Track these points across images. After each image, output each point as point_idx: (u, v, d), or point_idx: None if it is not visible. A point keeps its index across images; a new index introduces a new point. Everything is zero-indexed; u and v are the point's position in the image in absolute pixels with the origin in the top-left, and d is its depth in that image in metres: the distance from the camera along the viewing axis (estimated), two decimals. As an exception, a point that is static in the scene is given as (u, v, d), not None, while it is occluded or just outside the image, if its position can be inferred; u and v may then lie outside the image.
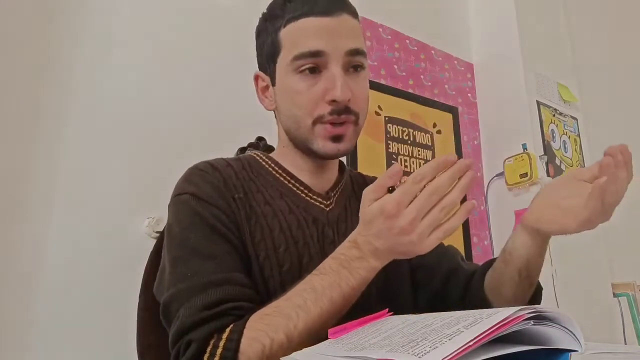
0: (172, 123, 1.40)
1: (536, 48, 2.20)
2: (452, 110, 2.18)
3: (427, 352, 0.32)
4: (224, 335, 0.55)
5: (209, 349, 0.55)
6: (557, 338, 0.37)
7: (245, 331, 0.55)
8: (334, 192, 0.78)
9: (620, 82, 2.63)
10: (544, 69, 2.19)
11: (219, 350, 0.54)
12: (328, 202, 0.76)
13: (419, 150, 1.99)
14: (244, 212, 0.68)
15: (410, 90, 2.04)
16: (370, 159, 1.82)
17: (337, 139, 0.70)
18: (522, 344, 0.36)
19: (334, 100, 0.68)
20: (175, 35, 1.47)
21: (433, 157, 2.03)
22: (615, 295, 2.05)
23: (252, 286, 0.64)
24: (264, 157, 0.78)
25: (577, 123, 2.28)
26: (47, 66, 1.25)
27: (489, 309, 0.38)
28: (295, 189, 0.75)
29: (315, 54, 0.68)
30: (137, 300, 0.79)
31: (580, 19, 2.54)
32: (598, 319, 1.95)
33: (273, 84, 0.74)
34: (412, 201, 0.52)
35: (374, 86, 1.89)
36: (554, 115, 2.16)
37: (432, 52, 2.16)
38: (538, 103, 2.11)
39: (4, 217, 1.12)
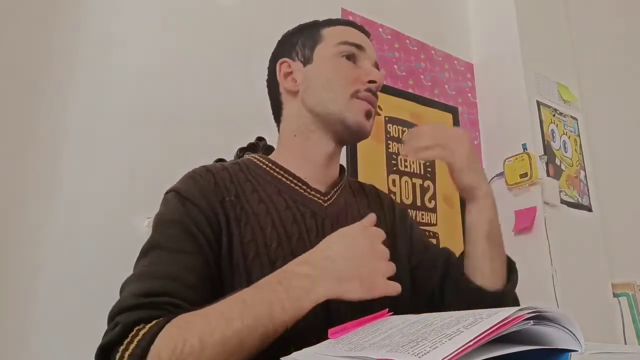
0: (172, 123, 1.40)
1: (536, 48, 2.20)
2: (452, 110, 2.18)
3: (427, 352, 0.32)
4: (148, 325, 0.54)
5: (130, 334, 0.54)
6: (557, 338, 0.37)
7: (167, 326, 0.54)
8: (334, 190, 0.80)
9: (620, 82, 2.63)
10: (544, 69, 2.19)
11: (136, 339, 0.53)
12: (326, 198, 0.77)
13: (419, 150, 1.99)
14: (233, 214, 0.69)
15: (410, 90, 2.04)
16: (370, 159, 1.82)
17: (368, 115, 0.78)
18: (522, 344, 0.36)
19: (373, 81, 0.78)
20: (175, 35, 1.47)
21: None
22: (615, 295, 2.04)
23: (200, 290, 0.62)
24: (261, 159, 0.80)
25: (577, 123, 2.27)
26: (47, 66, 1.25)
27: (489, 309, 0.38)
28: (293, 185, 0.76)
29: (359, 46, 0.80)
30: (137, 300, 0.79)
31: (580, 19, 2.54)
32: (598, 319, 1.95)
33: (308, 63, 0.81)
34: None
35: (374, 86, 1.89)
36: (554, 115, 2.16)
37: (432, 52, 2.16)
38: (538, 103, 2.11)
39: (4, 217, 1.12)
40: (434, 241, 1.90)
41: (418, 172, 1.96)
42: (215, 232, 0.67)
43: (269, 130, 0.89)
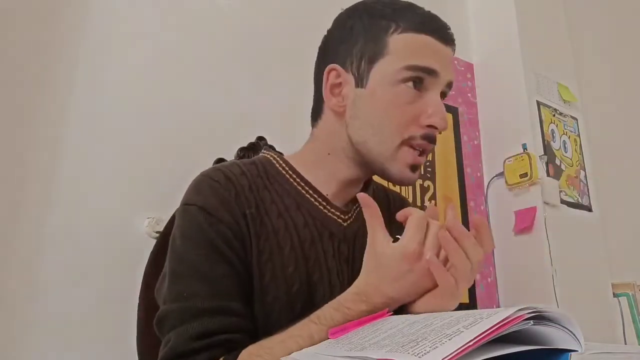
0: (173, 123, 1.40)
1: (536, 48, 2.20)
2: (452, 110, 2.18)
3: (427, 352, 0.32)
4: None
5: None
6: (557, 338, 0.37)
7: None
8: (355, 206, 0.74)
9: (620, 83, 2.63)
10: (544, 69, 2.19)
11: None
12: (346, 217, 0.72)
13: (419, 150, 1.99)
14: (253, 230, 0.65)
15: (410, 90, 2.04)
16: (370, 159, 1.82)
17: (414, 168, 0.68)
18: (522, 344, 0.36)
19: (432, 126, 0.66)
20: (175, 35, 1.47)
21: (433, 157, 2.03)
22: (615, 295, 2.04)
23: (248, 315, 0.62)
24: (280, 162, 0.73)
25: (577, 123, 2.27)
26: (47, 66, 1.25)
27: (489, 309, 0.38)
28: (313, 200, 0.70)
29: (431, 72, 0.66)
30: (137, 301, 0.79)
31: (580, 19, 2.53)
32: (598, 319, 1.94)
33: (361, 85, 0.68)
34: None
35: (374, 86, 1.89)
36: (554, 115, 2.16)
37: (432, 52, 2.16)
38: (538, 103, 2.11)
39: (4, 217, 1.12)
40: (434, 241, 1.90)
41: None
42: (244, 246, 0.64)
43: (269, 130, 0.90)
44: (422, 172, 1.97)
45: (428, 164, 2.00)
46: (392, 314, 0.52)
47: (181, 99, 1.43)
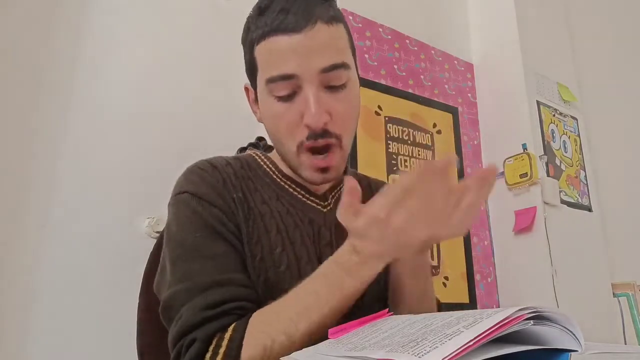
0: (172, 123, 1.40)
1: (536, 48, 2.20)
2: (452, 110, 2.18)
3: (427, 352, 0.32)
4: (227, 335, 0.56)
5: (211, 348, 0.55)
6: (557, 338, 0.37)
7: (247, 329, 0.56)
8: (333, 193, 0.77)
9: (620, 83, 2.63)
10: (544, 69, 2.19)
11: (222, 349, 0.55)
12: (325, 203, 0.75)
13: (419, 151, 1.99)
14: (242, 213, 0.68)
15: (410, 90, 2.04)
16: (370, 159, 1.82)
17: (324, 170, 0.68)
18: (522, 344, 0.36)
19: (307, 126, 0.65)
20: (175, 35, 1.47)
21: (433, 157, 2.03)
22: (615, 295, 2.04)
23: (253, 286, 0.64)
24: (262, 157, 0.77)
25: (577, 123, 2.28)
26: (48, 66, 1.25)
27: (489, 309, 0.38)
28: (292, 190, 0.74)
29: (286, 77, 0.64)
30: (137, 301, 0.79)
31: (580, 19, 2.54)
32: (598, 319, 1.95)
33: (257, 102, 0.72)
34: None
35: (374, 86, 1.89)
36: (554, 115, 2.16)
37: (432, 52, 2.16)
38: (538, 103, 2.11)
39: (4, 217, 1.12)
40: (434, 241, 1.90)
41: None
42: (238, 228, 0.67)
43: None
44: (422, 172, 1.97)
45: (428, 164, 2.00)
46: (392, 314, 0.52)
47: (181, 99, 1.43)
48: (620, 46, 2.71)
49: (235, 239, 0.66)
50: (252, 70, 0.70)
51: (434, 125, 2.08)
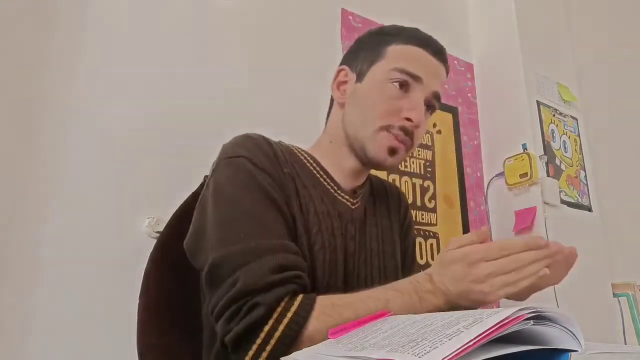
0: (172, 123, 1.40)
1: (536, 48, 2.20)
2: (452, 110, 2.18)
3: (427, 352, 0.32)
4: (296, 302, 0.57)
5: (275, 315, 0.55)
6: (557, 338, 0.37)
7: (316, 309, 0.57)
8: (360, 192, 0.82)
9: (620, 83, 2.63)
10: (544, 69, 2.19)
11: (290, 314, 0.55)
12: (355, 201, 0.79)
13: (419, 151, 1.99)
14: (291, 187, 0.70)
15: (410, 90, 2.04)
16: (370, 159, 1.82)
17: (393, 152, 0.75)
18: (522, 344, 0.36)
19: (409, 119, 0.74)
20: (175, 35, 1.47)
21: (433, 157, 2.03)
22: (615, 295, 2.04)
23: (302, 254, 0.65)
24: (300, 150, 0.81)
25: (577, 123, 2.28)
26: (48, 66, 1.25)
27: (489, 309, 0.38)
28: (326, 183, 0.77)
29: (415, 76, 0.75)
30: (137, 301, 0.79)
31: (580, 19, 2.54)
32: (598, 319, 1.95)
33: (359, 81, 0.79)
34: (492, 261, 0.57)
35: (374, 86, 1.89)
36: (554, 115, 2.16)
37: (432, 52, 2.16)
38: (538, 103, 2.11)
39: (4, 216, 1.12)
40: (434, 241, 1.90)
41: (418, 172, 1.96)
42: (288, 199, 0.69)
43: (269, 130, 0.89)
44: (422, 172, 1.97)
45: (428, 164, 2.00)
46: (392, 314, 0.52)
47: (181, 99, 1.43)
48: (620, 46, 2.71)
49: (285, 209, 0.67)
50: (373, 58, 0.78)
51: (434, 125, 2.08)
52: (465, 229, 2.03)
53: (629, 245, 2.25)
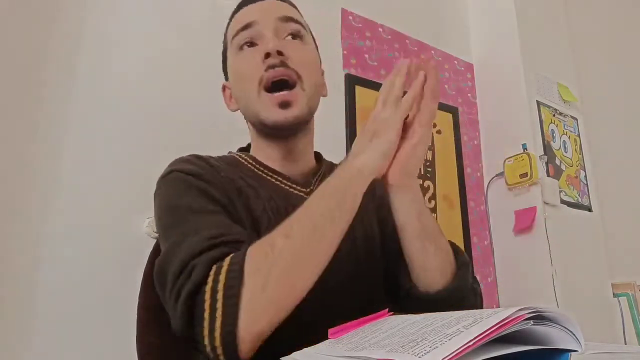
0: (172, 123, 1.40)
1: (536, 48, 2.20)
2: (452, 110, 2.18)
3: (427, 352, 0.32)
4: (227, 259, 0.54)
5: (212, 271, 0.53)
6: (557, 338, 0.37)
7: (248, 249, 0.55)
8: (315, 178, 0.79)
9: (620, 82, 2.63)
10: (544, 69, 2.19)
11: (224, 269, 0.53)
12: (308, 190, 0.76)
13: (419, 150, 1.99)
14: (230, 189, 0.68)
15: (410, 90, 2.04)
16: (370, 159, 1.81)
17: (284, 105, 0.70)
18: (522, 344, 0.36)
19: (267, 54, 0.69)
20: (175, 35, 1.47)
21: (433, 157, 2.03)
22: (615, 295, 2.05)
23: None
24: (241, 155, 0.79)
25: (577, 123, 2.28)
26: (48, 66, 1.25)
27: (489, 309, 0.38)
28: (273, 180, 0.75)
29: (247, 25, 0.72)
30: (137, 300, 0.79)
31: (580, 19, 2.54)
32: (598, 319, 1.95)
33: (227, 79, 0.79)
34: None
35: (374, 86, 1.89)
36: (554, 115, 2.16)
37: (432, 52, 2.16)
38: (538, 103, 2.11)
39: (4, 216, 1.12)
40: (434, 241, 1.90)
41: (418, 172, 1.95)
42: (229, 198, 0.67)
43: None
44: (422, 172, 1.97)
45: (428, 163, 2.00)
46: (392, 314, 0.52)
47: (181, 99, 1.43)
48: (620, 46, 2.71)
49: (232, 209, 0.65)
50: (224, 51, 0.78)
51: (434, 125, 2.08)
52: (466, 229, 2.03)
53: (629, 245, 2.25)
